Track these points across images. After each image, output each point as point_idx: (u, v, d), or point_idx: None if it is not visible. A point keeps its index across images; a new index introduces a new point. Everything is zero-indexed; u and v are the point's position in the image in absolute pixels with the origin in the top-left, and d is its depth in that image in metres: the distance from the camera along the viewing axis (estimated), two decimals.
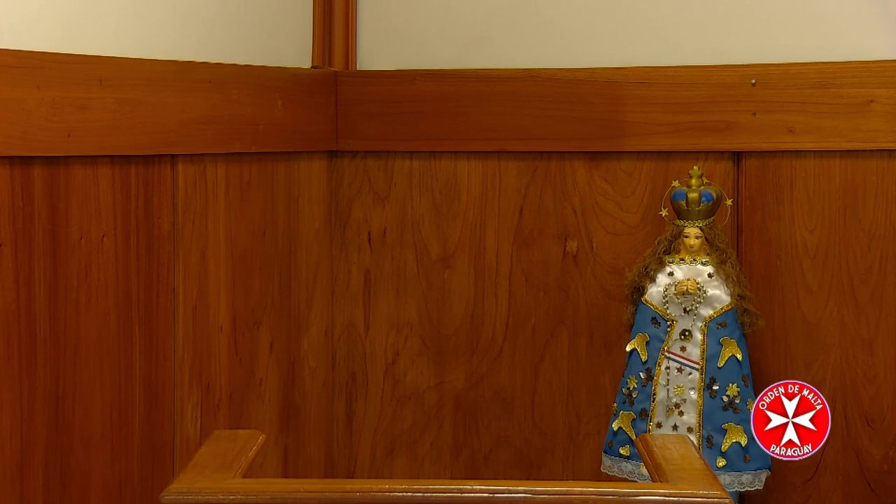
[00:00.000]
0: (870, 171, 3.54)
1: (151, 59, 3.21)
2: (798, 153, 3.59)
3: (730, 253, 3.48)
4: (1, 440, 2.86)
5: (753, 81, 3.58)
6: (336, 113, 3.88)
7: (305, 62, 3.86)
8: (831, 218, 3.58)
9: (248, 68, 3.55)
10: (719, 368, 3.41)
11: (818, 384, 3.58)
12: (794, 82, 3.56)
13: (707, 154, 3.64)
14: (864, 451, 3.58)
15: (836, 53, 3.54)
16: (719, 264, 3.45)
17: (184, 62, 3.32)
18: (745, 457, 3.36)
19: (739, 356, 3.42)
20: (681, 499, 2.13)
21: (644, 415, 3.44)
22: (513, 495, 2.12)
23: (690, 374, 3.41)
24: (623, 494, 2.14)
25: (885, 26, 3.53)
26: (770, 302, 3.59)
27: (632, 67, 3.69)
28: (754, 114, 3.59)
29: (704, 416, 3.40)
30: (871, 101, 3.50)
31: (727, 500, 2.14)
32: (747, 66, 3.59)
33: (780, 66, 3.57)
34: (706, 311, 3.43)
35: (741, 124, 3.60)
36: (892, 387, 3.55)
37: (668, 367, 3.43)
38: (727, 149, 3.63)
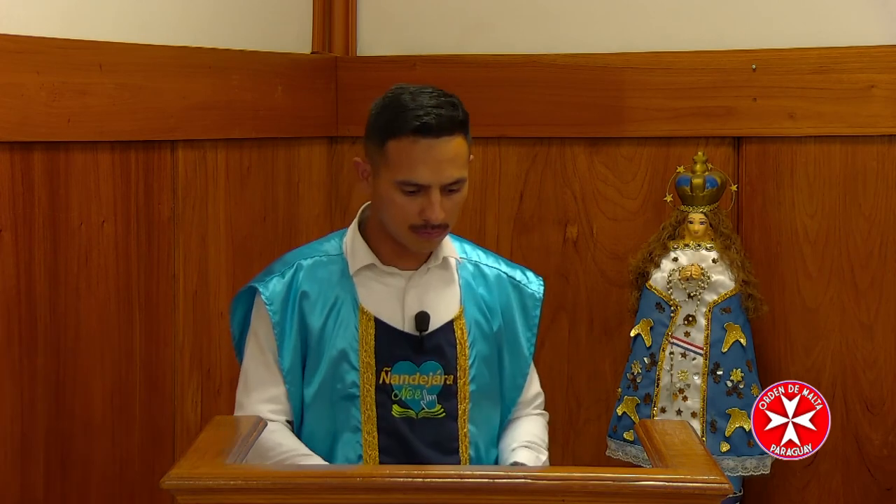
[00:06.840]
0: (870, 156, 3.54)
1: (151, 45, 3.21)
2: (798, 139, 3.58)
3: (734, 238, 3.48)
4: (2, 424, 2.86)
5: (754, 67, 3.58)
6: (336, 98, 3.88)
7: (305, 48, 3.86)
8: (831, 203, 3.57)
9: (249, 54, 3.54)
10: (723, 353, 3.41)
11: (818, 370, 3.59)
12: (794, 68, 3.55)
13: (707, 139, 3.64)
14: (864, 437, 3.58)
15: (837, 39, 3.54)
16: (724, 250, 3.45)
17: (184, 48, 3.31)
18: (748, 441, 3.35)
19: (743, 341, 3.42)
20: (680, 484, 2.13)
21: (648, 400, 3.44)
22: (513, 481, 2.12)
23: (694, 359, 3.41)
24: (623, 480, 2.14)
25: (886, 12, 3.52)
26: (770, 287, 3.58)
27: (632, 53, 3.68)
28: (755, 99, 3.58)
29: (708, 401, 3.40)
30: (872, 87, 3.50)
31: (727, 486, 2.14)
32: (748, 51, 3.59)
33: (780, 52, 3.57)
34: (710, 297, 3.43)
35: (741, 110, 3.60)
36: (891, 372, 3.55)
37: (672, 353, 3.43)
38: (728, 134, 3.63)
